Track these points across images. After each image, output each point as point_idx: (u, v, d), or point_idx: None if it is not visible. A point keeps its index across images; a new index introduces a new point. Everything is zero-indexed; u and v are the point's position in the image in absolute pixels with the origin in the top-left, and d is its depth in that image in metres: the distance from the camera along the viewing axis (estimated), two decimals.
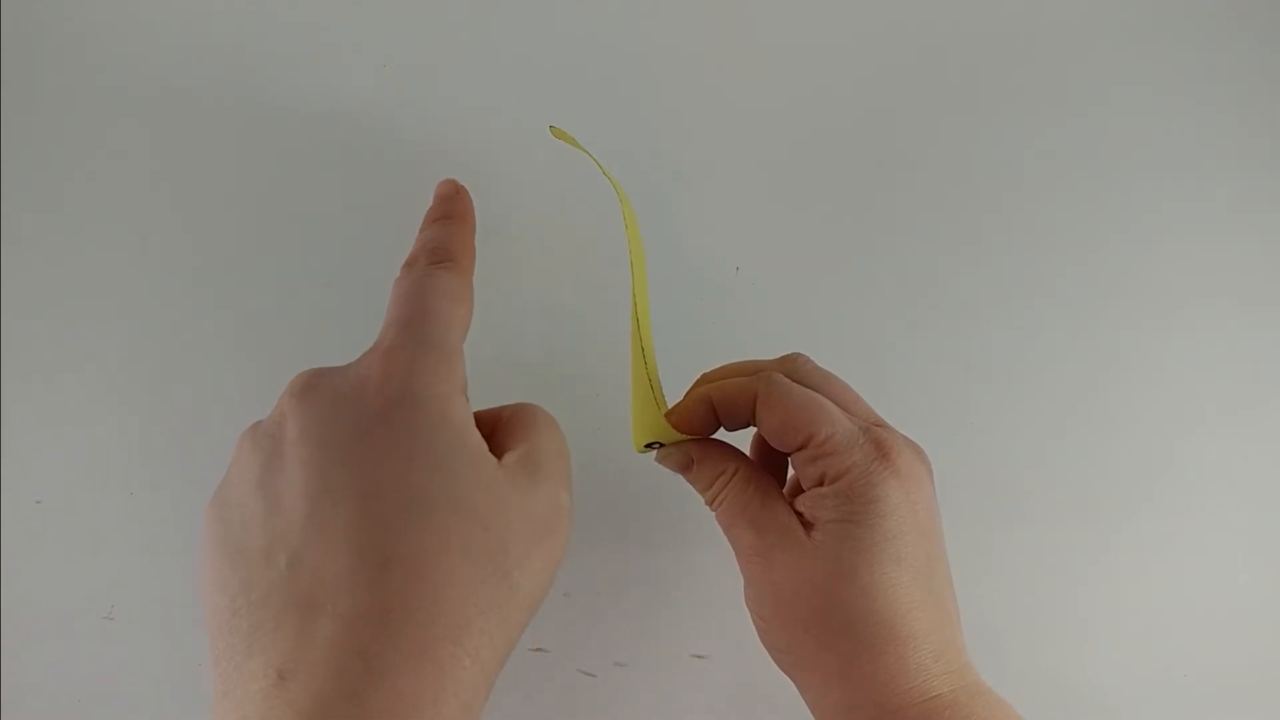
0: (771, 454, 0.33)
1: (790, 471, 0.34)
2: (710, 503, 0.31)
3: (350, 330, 0.39)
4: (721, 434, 0.33)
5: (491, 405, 0.39)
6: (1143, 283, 0.42)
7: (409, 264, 0.29)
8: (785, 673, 0.30)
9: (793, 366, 0.31)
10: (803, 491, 0.29)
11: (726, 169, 0.41)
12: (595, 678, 0.38)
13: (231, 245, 0.40)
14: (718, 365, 0.33)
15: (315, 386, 0.26)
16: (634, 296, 0.31)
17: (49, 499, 0.38)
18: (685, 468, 0.32)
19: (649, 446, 0.32)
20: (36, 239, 0.39)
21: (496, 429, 0.28)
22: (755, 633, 0.31)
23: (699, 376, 0.33)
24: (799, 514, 0.29)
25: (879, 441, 0.28)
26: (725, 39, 0.42)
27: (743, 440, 0.34)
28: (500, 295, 0.40)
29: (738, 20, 0.42)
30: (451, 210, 0.32)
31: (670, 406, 0.32)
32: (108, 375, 0.39)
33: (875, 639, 0.27)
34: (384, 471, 0.23)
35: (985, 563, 0.39)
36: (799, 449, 0.29)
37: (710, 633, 0.39)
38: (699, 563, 0.39)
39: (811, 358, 0.32)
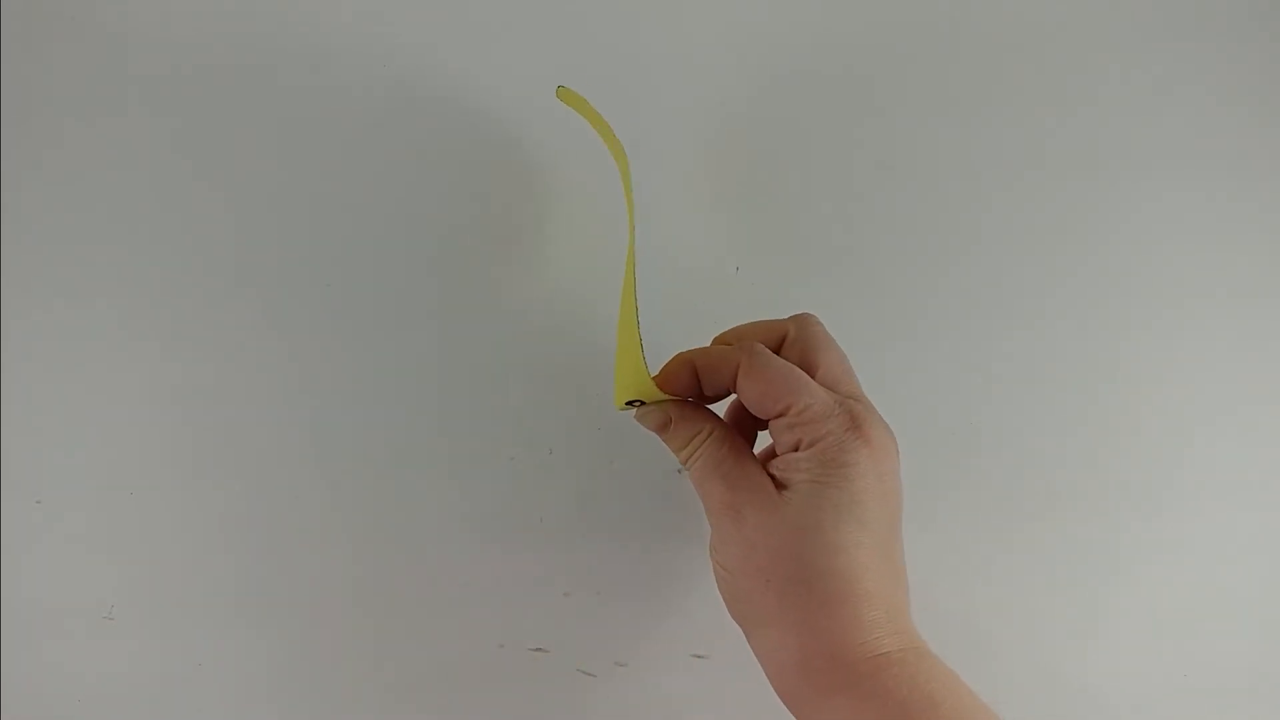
0: (743, 423, 0.35)
1: (762, 442, 0.35)
2: (685, 461, 0.33)
3: (350, 330, 0.39)
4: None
5: (492, 405, 0.39)
6: (1142, 282, 0.42)
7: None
8: (741, 625, 0.31)
9: (802, 323, 0.33)
10: (775, 457, 0.31)
11: (727, 168, 0.41)
12: (595, 678, 0.38)
13: (231, 245, 0.40)
14: None
15: None
16: (629, 256, 0.32)
17: (49, 499, 0.38)
18: (663, 426, 0.33)
19: (630, 404, 0.33)
20: (37, 239, 0.39)
21: None
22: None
23: (716, 336, 0.34)
24: (771, 476, 0.31)
25: (853, 414, 0.30)
26: (725, 38, 0.42)
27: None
28: (501, 294, 0.40)
29: (738, 19, 0.42)
30: None
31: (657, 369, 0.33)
32: (108, 375, 0.39)
33: (834, 593, 0.28)
34: None
35: (985, 562, 0.39)
36: (778, 416, 0.30)
37: (710, 633, 0.39)
38: (699, 563, 0.39)
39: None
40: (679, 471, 0.39)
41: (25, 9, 0.40)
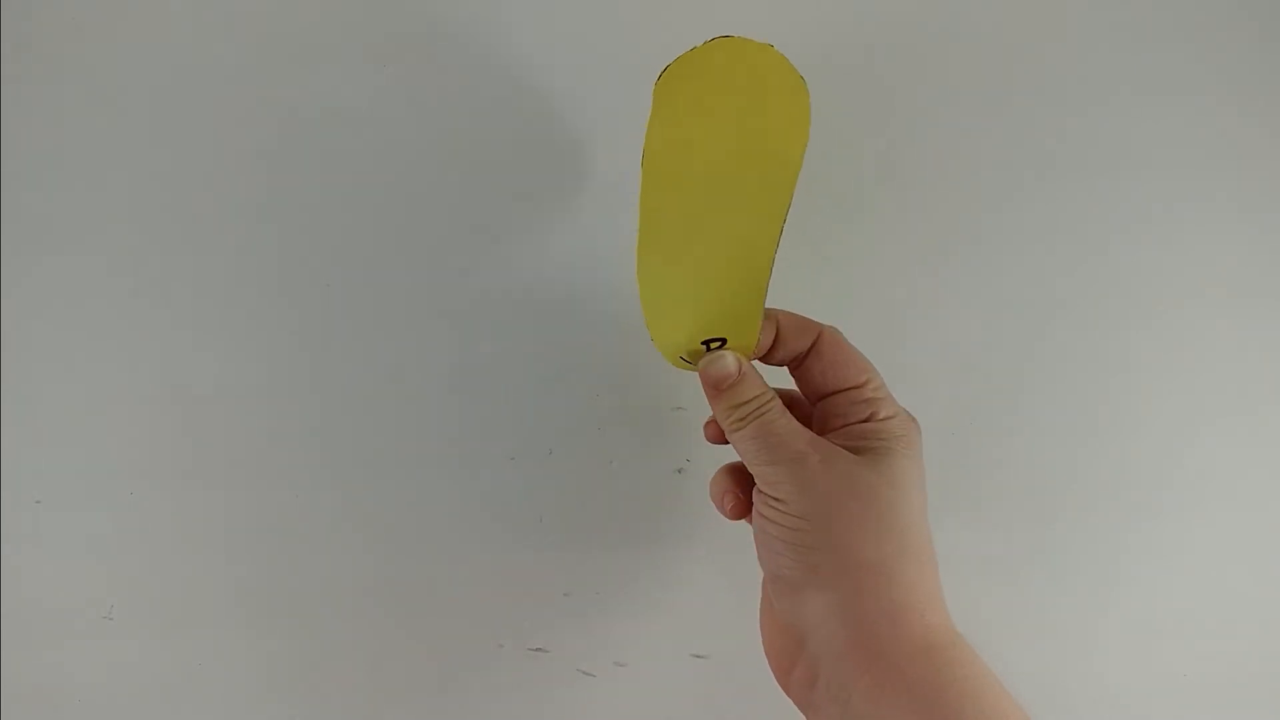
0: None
1: None
2: (739, 420, 0.32)
3: (350, 330, 0.39)
4: None
5: (492, 405, 0.39)
6: (1142, 282, 0.42)
7: None
8: (790, 582, 0.30)
9: (836, 331, 0.34)
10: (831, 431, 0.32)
11: None
12: (595, 678, 0.38)
13: (231, 245, 0.40)
14: None
15: None
16: (788, 188, 0.33)
17: (49, 499, 0.38)
18: (734, 372, 0.32)
19: (708, 343, 0.32)
20: (36, 239, 0.39)
21: None
22: (765, 587, 0.32)
23: None
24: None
25: (905, 408, 0.33)
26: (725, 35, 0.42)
27: None
28: (500, 292, 0.40)
29: (738, 17, 0.42)
30: None
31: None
32: (108, 375, 0.39)
33: (918, 549, 0.30)
34: None
35: (985, 562, 0.39)
36: (852, 388, 0.32)
37: (710, 633, 0.39)
38: (699, 563, 0.39)
39: None
40: (678, 471, 0.39)
41: (25, 9, 0.40)
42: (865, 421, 0.32)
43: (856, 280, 0.41)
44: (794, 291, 0.41)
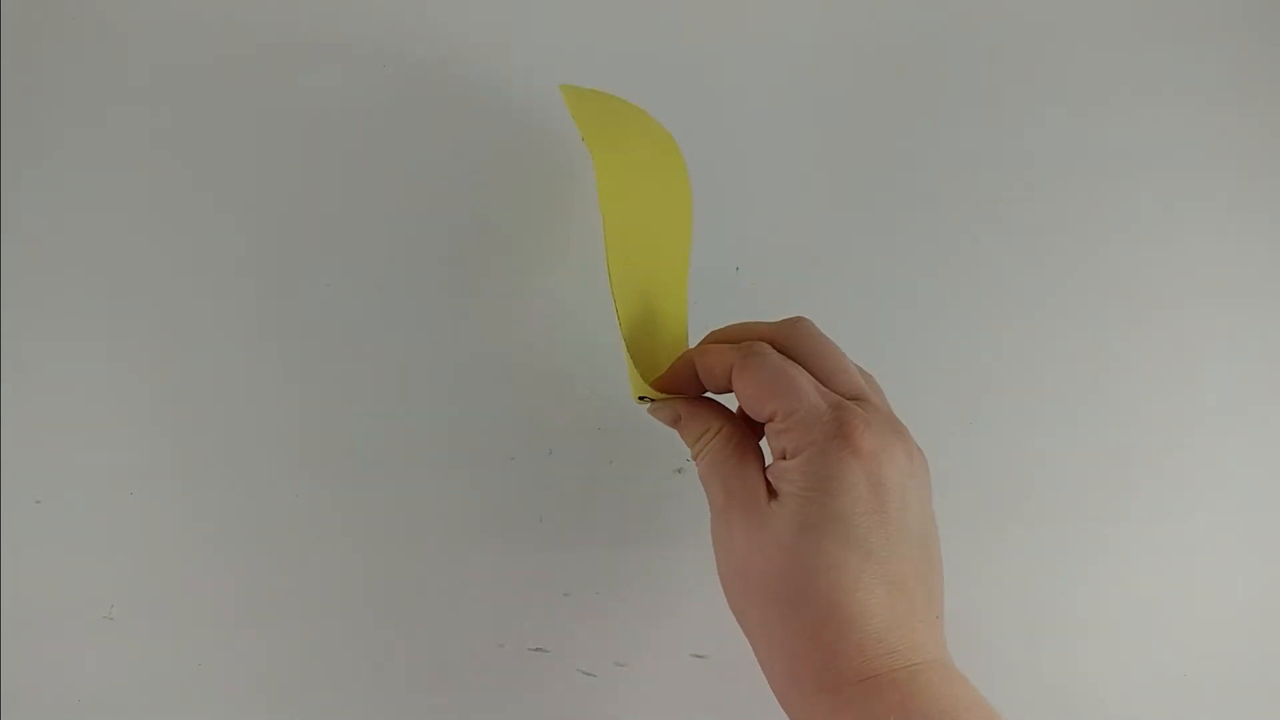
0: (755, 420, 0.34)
1: None
2: (694, 457, 0.32)
3: (350, 330, 0.39)
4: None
5: (492, 405, 0.39)
6: (1144, 282, 0.42)
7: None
8: (745, 635, 0.31)
9: (792, 330, 0.31)
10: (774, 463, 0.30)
11: (726, 169, 0.41)
12: (595, 678, 0.38)
13: (231, 245, 0.40)
14: None
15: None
16: (608, 258, 0.32)
17: (49, 499, 0.38)
18: (674, 422, 0.33)
19: (642, 399, 0.33)
20: (36, 239, 0.39)
21: None
22: None
23: (707, 334, 0.34)
24: (768, 483, 0.30)
25: (842, 421, 0.28)
26: (723, 39, 0.42)
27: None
28: (500, 293, 0.40)
29: (736, 19, 0.42)
30: None
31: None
32: (107, 375, 0.39)
33: (815, 616, 0.27)
34: None
35: (985, 561, 0.39)
36: (768, 421, 0.29)
37: (710, 633, 0.39)
38: (699, 563, 0.39)
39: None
40: (678, 471, 0.39)
41: (25, 9, 0.40)
42: (783, 459, 0.29)
43: (855, 280, 0.41)
44: (793, 293, 0.41)
